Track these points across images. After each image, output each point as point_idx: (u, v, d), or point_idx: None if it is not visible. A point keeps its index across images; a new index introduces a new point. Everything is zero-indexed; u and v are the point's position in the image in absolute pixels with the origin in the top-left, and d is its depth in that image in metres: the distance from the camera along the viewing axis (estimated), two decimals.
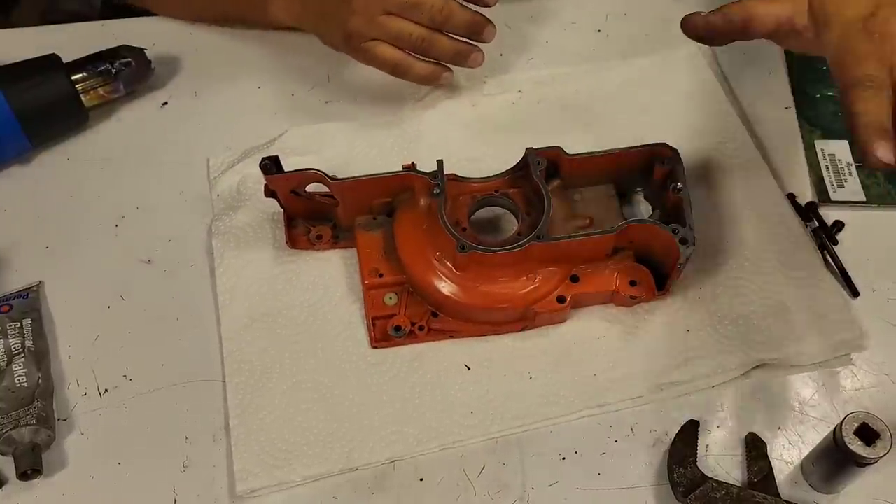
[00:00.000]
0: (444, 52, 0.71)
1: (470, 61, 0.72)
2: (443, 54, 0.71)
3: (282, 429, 0.60)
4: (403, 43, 0.70)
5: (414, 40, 0.69)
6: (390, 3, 0.67)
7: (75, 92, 0.72)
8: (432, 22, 0.69)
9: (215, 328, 0.64)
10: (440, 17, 0.68)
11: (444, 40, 0.70)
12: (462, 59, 0.72)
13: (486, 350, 0.63)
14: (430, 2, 0.67)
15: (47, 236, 0.70)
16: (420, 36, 0.69)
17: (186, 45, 0.82)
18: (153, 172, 0.73)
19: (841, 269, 0.67)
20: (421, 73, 0.72)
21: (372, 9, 0.68)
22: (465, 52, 0.71)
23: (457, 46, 0.71)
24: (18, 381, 0.60)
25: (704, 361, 0.62)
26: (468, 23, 0.70)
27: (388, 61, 0.70)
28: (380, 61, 0.71)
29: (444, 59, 0.72)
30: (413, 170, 0.64)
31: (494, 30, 0.70)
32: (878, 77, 0.55)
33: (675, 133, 0.73)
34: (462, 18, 0.69)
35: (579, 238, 0.62)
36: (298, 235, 0.68)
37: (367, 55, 0.70)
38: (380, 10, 0.68)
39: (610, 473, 0.58)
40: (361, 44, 0.70)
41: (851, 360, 0.63)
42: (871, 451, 0.51)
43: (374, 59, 0.71)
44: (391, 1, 0.67)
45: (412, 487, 0.58)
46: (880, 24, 0.58)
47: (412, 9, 0.68)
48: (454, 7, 0.68)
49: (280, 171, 0.63)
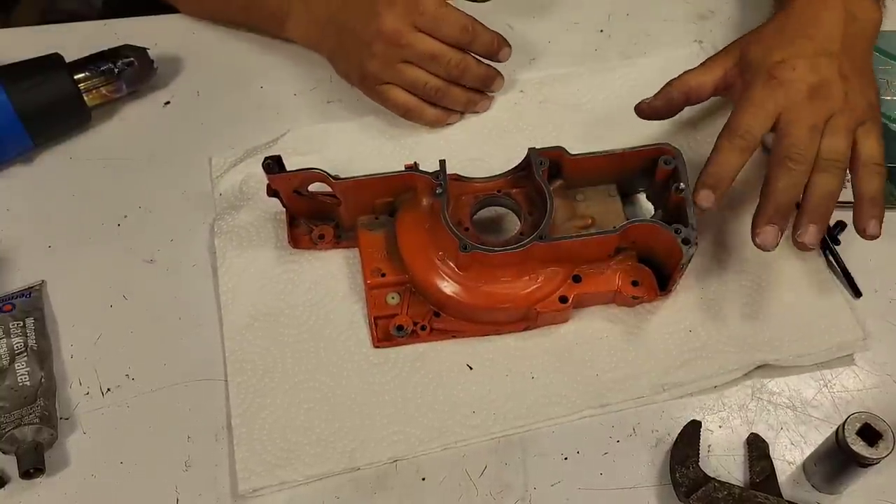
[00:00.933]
0: (457, 102, 0.74)
1: (479, 108, 0.75)
2: (455, 104, 0.74)
3: (284, 428, 0.60)
4: (418, 91, 0.72)
5: (429, 90, 0.72)
6: (410, 54, 0.69)
7: (78, 91, 0.72)
8: (449, 75, 0.71)
9: (217, 327, 0.64)
10: (456, 72, 0.71)
11: (458, 92, 0.73)
12: (472, 107, 0.75)
13: (489, 350, 0.63)
14: (448, 56, 0.70)
15: (50, 236, 0.70)
16: (435, 87, 0.71)
17: (189, 45, 0.81)
18: (155, 172, 0.73)
19: (843, 269, 0.67)
20: (431, 119, 0.74)
21: (391, 56, 0.69)
22: (476, 100, 0.75)
23: (469, 96, 0.74)
24: (21, 380, 0.60)
25: (706, 362, 0.62)
26: (482, 77, 0.73)
27: (402, 106, 0.73)
28: (392, 104, 0.73)
29: (455, 108, 0.74)
30: (415, 169, 0.64)
31: (503, 81, 0.74)
32: (751, 133, 0.61)
33: (676, 132, 0.73)
34: (477, 73, 0.72)
35: (581, 238, 0.62)
36: (301, 235, 0.68)
37: (382, 97, 0.73)
38: (399, 59, 0.70)
39: (612, 473, 0.58)
40: (376, 86, 0.72)
41: (854, 360, 0.63)
42: (874, 451, 0.51)
43: (388, 102, 0.73)
44: (411, 51, 0.69)
45: (414, 487, 0.58)
46: (781, 70, 0.62)
47: (430, 61, 0.70)
48: (471, 62, 0.71)
49: (282, 171, 0.63)
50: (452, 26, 0.69)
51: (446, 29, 0.69)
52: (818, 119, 0.61)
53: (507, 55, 0.72)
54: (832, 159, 0.60)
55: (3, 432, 0.57)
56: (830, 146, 0.61)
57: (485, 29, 0.70)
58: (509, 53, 0.72)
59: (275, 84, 0.79)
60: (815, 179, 0.60)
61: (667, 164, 0.64)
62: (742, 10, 0.84)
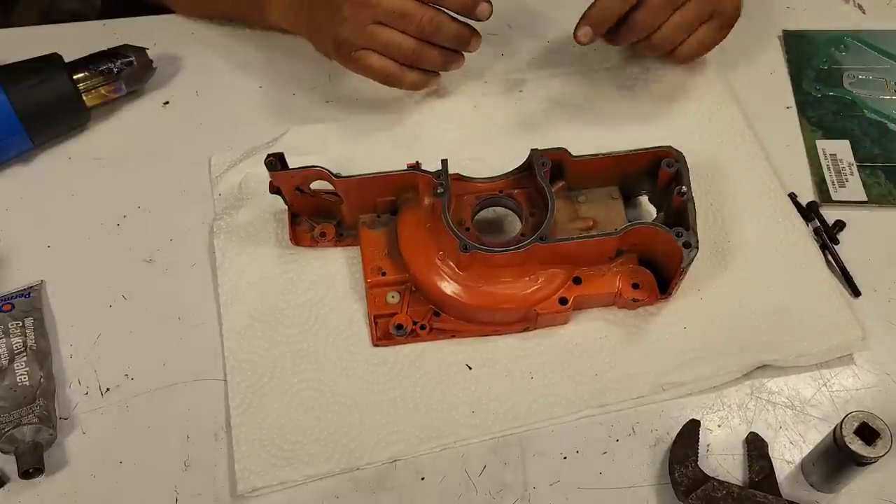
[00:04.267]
0: (433, 62, 0.72)
1: (453, 66, 0.73)
2: (432, 64, 0.72)
3: (283, 428, 0.60)
4: (393, 53, 0.70)
5: (404, 51, 0.70)
6: (380, 13, 0.68)
7: (77, 91, 0.72)
8: (421, 33, 0.69)
9: (217, 327, 0.64)
10: (429, 29, 0.69)
11: (434, 52, 0.71)
12: (448, 66, 0.73)
13: (488, 350, 0.63)
14: (420, 13, 0.68)
15: (49, 235, 0.70)
16: (410, 48, 0.69)
17: (188, 45, 0.82)
18: (155, 172, 0.73)
19: (842, 268, 0.67)
20: (411, 82, 0.73)
21: (362, 18, 0.68)
22: (452, 59, 0.73)
23: (445, 56, 0.72)
24: (20, 379, 0.60)
25: (706, 362, 0.62)
26: (456, 35, 0.70)
27: (379, 71, 0.71)
28: (370, 71, 0.71)
29: (432, 68, 0.73)
30: (417, 169, 0.64)
31: (480, 40, 0.72)
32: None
33: (676, 133, 0.73)
34: (450, 30, 0.70)
35: (583, 240, 0.62)
36: (302, 233, 0.68)
37: (358, 64, 0.71)
38: (369, 20, 0.68)
39: (611, 473, 0.58)
40: (352, 52, 0.70)
41: (853, 359, 0.63)
42: (872, 450, 0.51)
43: (365, 69, 0.71)
44: (381, 10, 0.67)
45: (414, 487, 0.58)
46: None
47: (402, 19, 0.68)
48: (443, 19, 0.69)
49: (285, 168, 0.63)
50: None
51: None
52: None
53: (487, 12, 0.68)
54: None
55: (2, 432, 0.57)
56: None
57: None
58: (489, 10, 0.68)
59: (274, 84, 0.79)
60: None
61: (669, 167, 0.64)
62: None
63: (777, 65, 0.80)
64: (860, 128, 0.75)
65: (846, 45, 0.81)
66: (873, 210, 0.71)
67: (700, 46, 0.72)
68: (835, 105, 0.77)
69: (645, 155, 0.65)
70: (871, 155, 0.74)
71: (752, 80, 0.79)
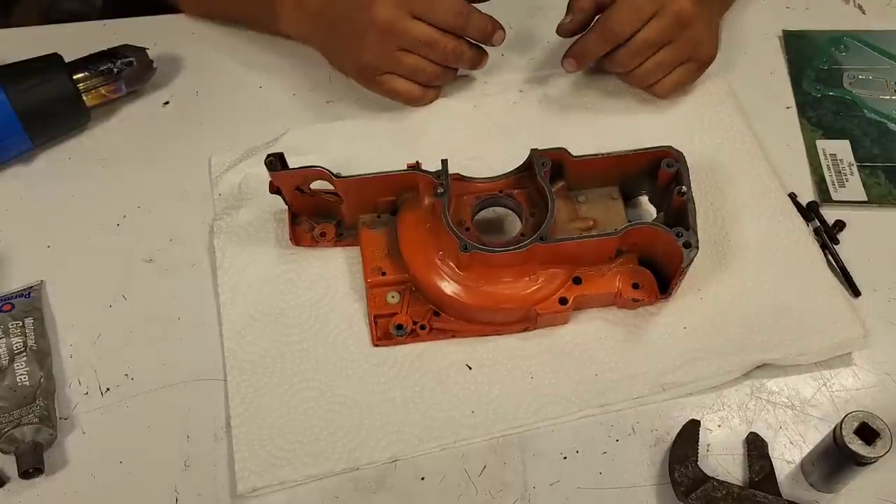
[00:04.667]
0: (450, 80, 0.76)
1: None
2: (447, 82, 0.76)
3: (283, 428, 0.60)
4: (419, 78, 0.73)
5: (428, 75, 0.73)
6: (406, 42, 0.70)
7: (77, 91, 0.72)
8: (445, 60, 0.72)
9: (217, 327, 0.64)
10: (452, 57, 0.72)
11: (452, 72, 0.75)
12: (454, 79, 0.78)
13: (488, 350, 0.63)
14: (444, 42, 0.70)
15: (49, 235, 0.70)
16: (434, 73, 0.73)
17: (188, 45, 0.82)
18: (155, 172, 0.73)
19: (842, 268, 0.67)
20: (430, 100, 0.76)
21: (387, 45, 0.70)
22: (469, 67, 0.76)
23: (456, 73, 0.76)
24: (20, 379, 0.60)
25: (706, 362, 0.62)
26: (472, 58, 0.74)
27: (405, 95, 0.74)
28: (395, 94, 0.74)
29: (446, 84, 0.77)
30: (417, 169, 0.64)
31: (487, 58, 0.75)
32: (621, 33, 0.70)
33: (676, 132, 0.73)
34: (470, 56, 0.73)
35: (583, 240, 0.62)
36: (302, 233, 0.68)
37: (383, 87, 0.74)
38: (395, 48, 0.70)
39: (611, 473, 0.58)
40: (376, 76, 0.72)
41: (853, 359, 0.63)
42: (871, 450, 0.51)
43: (390, 92, 0.74)
44: (407, 39, 0.69)
45: (413, 487, 0.58)
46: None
47: (427, 48, 0.70)
48: (465, 48, 0.72)
49: (285, 168, 0.63)
50: (446, 12, 0.69)
51: (440, 14, 0.69)
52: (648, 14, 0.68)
53: (501, 38, 0.72)
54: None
55: (2, 432, 0.57)
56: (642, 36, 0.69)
57: (478, 13, 0.70)
58: (503, 37, 0.72)
59: (274, 84, 0.79)
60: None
61: (669, 168, 0.64)
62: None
63: (777, 65, 0.80)
64: (860, 128, 0.75)
65: (846, 45, 0.81)
66: (873, 210, 0.71)
67: (677, 84, 0.74)
68: (835, 105, 0.77)
69: (645, 155, 0.65)
70: (871, 155, 0.74)
71: (752, 80, 0.79)
